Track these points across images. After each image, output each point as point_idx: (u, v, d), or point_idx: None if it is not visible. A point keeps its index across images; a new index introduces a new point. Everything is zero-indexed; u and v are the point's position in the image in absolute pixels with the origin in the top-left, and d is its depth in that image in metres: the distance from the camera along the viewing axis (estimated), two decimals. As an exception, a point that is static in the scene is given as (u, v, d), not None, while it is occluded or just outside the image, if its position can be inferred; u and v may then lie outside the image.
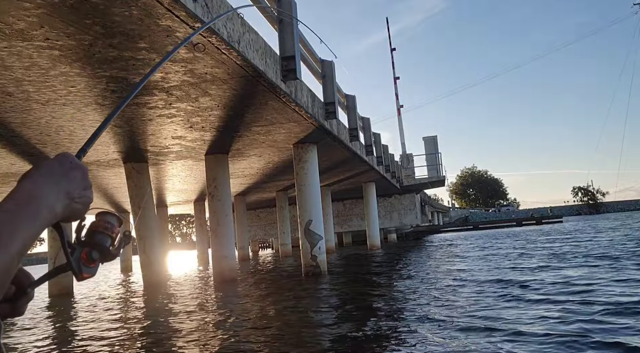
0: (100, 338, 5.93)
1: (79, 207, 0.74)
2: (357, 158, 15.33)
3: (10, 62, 5.75)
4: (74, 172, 0.74)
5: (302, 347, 4.66)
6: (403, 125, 33.89)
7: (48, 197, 0.69)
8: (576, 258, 10.76)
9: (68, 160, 0.75)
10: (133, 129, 9.42)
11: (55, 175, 0.72)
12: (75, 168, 0.75)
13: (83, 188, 0.74)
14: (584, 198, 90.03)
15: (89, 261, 0.77)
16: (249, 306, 7.81)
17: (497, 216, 75.86)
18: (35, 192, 0.68)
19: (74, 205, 0.73)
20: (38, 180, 0.69)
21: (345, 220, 29.61)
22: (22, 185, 0.68)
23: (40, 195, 0.68)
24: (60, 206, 0.70)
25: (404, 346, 4.35)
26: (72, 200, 0.72)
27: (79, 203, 0.73)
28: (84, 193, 0.74)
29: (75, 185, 0.73)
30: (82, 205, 0.74)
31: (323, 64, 11.01)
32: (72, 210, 0.73)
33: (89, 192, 0.76)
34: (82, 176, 0.75)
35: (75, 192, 0.73)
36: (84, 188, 0.75)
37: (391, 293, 7.95)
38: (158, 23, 5.12)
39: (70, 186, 0.72)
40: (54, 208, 0.69)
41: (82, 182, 0.75)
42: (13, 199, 0.66)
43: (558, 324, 4.62)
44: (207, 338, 5.40)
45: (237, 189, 20.95)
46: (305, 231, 11.62)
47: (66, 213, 0.72)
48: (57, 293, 12.55)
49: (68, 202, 0.72)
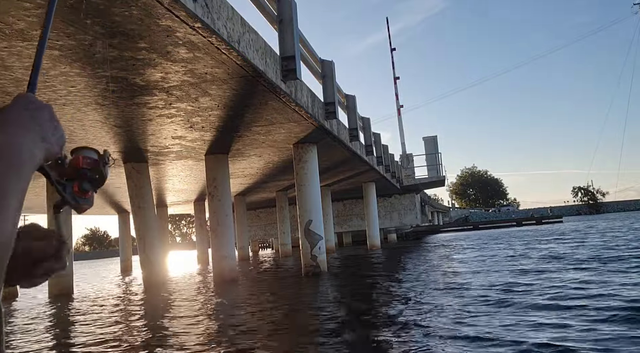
0: (100, 338, 5.93)
1: (55, 148, 0.72)
2: (357, 158, 15.34)
3: (10, 62, 5.75)
4: (40, 112, 0.71)
5: (301, 347, 4.66)
6: (403, 125, 33.84)
7: (26, 146, 0.66)
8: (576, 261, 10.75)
9: (30, 102, 0.71)
10: (133, 129, 9.42)
11: (25, 120, 0.68)
12: (40, 108, 0.72)
13: (54, 128, 0.72)
14: (584, 199, 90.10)
15: (83, 193, 0.77)
16: (248, 306, 7.81)
17: (497, 216, 75.89)
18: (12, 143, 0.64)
19: (51, 147, 0.71)
20: (10, 131, 0.66)
21: (345, 220, 29.62)
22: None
23: (18, 146, 0.64)
24: (39, 152, 0.68)
25: (404, 346, 4.35)
26: (48, 142, 0.70)
27: (54, 144, 0.71)
28: (56, 132, 0.72)
29: (46, 127, 0.70)
30: (57, 145, 0.72)
31: (323, 64, 11.02)
32: (49, 152, 0.71)
33: (60, 130, 0.73)
34: (50, 115, 0.72)
35: (49, 133, 0.71)
36: (55, 127, 0.72)
37: (391, 294, 7.95)
38: (158, 23, 5.12)
39: (42, 129, 0.70)
40: (34, 156, 0.67)
41: (51, 122, 0.72)
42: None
43: (555, 333, 4.61)
44: (206, 338, 5.40)
45: (237, 189, 20.96)
46: (305, 231, 11.63)
47: (45, 155, 0.70)
48: (57, 293, 12.55)
49: (45, 145, 0.69)
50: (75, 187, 0.77)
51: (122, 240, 25.85)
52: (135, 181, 12.33)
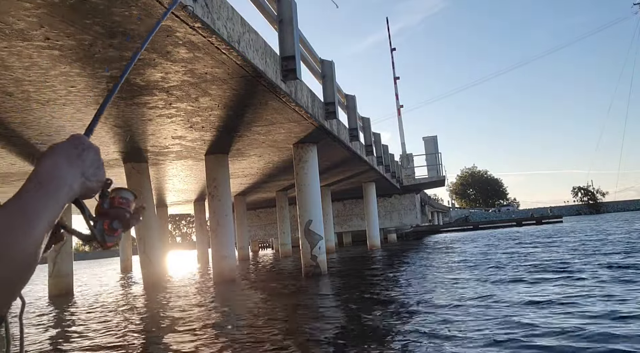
0: (98, 339, 5.93)
1: (93, 185, 0.79)
2: (357, 158, 15.33)
3: (10, 62, 5.75)
4: (86, 152, 0.79)
5: (301, 348, 4.66)
6: (403, 125, 33.87)
7: (66, 176, 0.73)
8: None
9: (81, 142, 0.79)
10: (133, 129, 9.42)
11: (71, 156, 0.76)
12: (88, 148, 0.79)
13: (96, 168, 0.79)
14: (584, 198, 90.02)
15: (111, 230, 0.83)
16: (248, 306, 7.81)
17: (497, 216, 75.84)
18: (55, 172, 0.72)
19: (88, 183, 0.78)
20: (56, 161, 0.74)
21: (345, 220, 29.61)
22: (41, 166, 0.72)
23: (59, 175, 0.72)
24: (77, 184, 0.75)
25: (403, 347, 4.35)
26: (87, 178, 0.77)
27: (93, 182, 0.79)
28: (97, 171, 0.79)
29: (88, 165, 0.78)
30: (95, 183, 0.79)
31: (323, 64, 11.02)
32: (87, 188, 0.78)
33: (102, 171, 0.81)
34: (95, 156, 0.80)
35: (89, 171, 0.78)
36: (97, 167, 0.80)
37: (390, 294, 7.95)
38: (158, 23, 5.12)
39: (84, 165, 0.77)
40: (72, 187, 0.74)
41: (94, 161, 0.79)
42: (35, 179, 0.70)
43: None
44: (206, 338, 5.40)
45: (237, 189, 20.96)
46: (305, 231, 11.63)
47: (82, 191, 0.77)
48: (57, 293, 12.55)
49: (83, 180, 0.76)
50: (106, 225, 0.82)
51: (122, 240, 25.78)
52: (135, 181, 12.32)
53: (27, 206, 0.66)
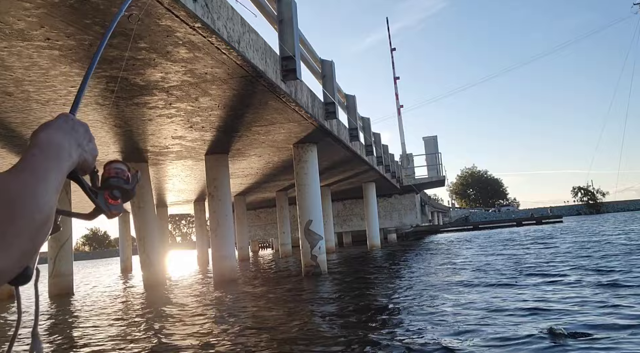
0: (98, 339, 5.94)
1: (89, 158, 0.80)
2: (357, 158, 15.33)
3: (10, 62, 5.75)
4: (77, 125, 0.80)
5: (301, 348, 4.65)
6: (403, 125, 33.88)
7: (64, 143, 0.75)
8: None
9: (70, 117, 0.81)
10: (133, 129, 9.42)
11: (64, 128, 0.78)
12: (77, 124, 0.81)
13: (89, 140, 0.81)
14: (584, 198, 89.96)
15: (114, 199, 0.84)
16: (248, 306, 7.81)
17: (497, 216, 75.84)
18: (53, 140, 0.73)
19: (85, 154, 0.79)
20: (50, 132, 0.75)
21: (345, 220, 29.60)
22: (38, 138, 0.73)
23: (57, 142, 0.74)
24: (75, 153, 0.76)
25: (402, 347, 4.35)
26: (83, 149, 0.78)
27: (88, 154, 0.80)
28: (90, 144, 0.81)
29: (81, 137, 0.79)
30: (90, 156, 0.81)
31: (323, 64, 11.02)
32: (84, 159, 0.79)
33: (94, 144, 0.82)
34: (85, 130, 0.81)
35: (84, 143, 0.79)
36: (89, 140, 0.81)
37: (390, 294, 7.95)
38: (158, 23, 5.12)
39: (78, 136, 0.79)
40: (71, 154, 0.75)
41: (86, 134, 0.81)
42: (35, 148, 0.71)
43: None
44: (205, 338, 5.40)
45: (237, 189, 20.96)
46: (305, 231, 11.62)
47: (80, 161, 0.78)
48: (57, 293, 12.55)
49: (80, 151, 0.78)
50: (106, 195, 0.83)
51: (122, 240, 25.83)
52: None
53: (34, 168, 0.67)
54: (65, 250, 13.06)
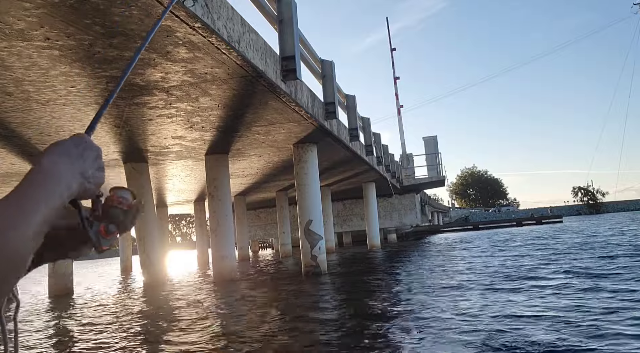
0: (97, 339, 5.93)
1: (91, 187, 0.77)
2: (357, 158, 15.33)
3: (10, 62, 5.74)
4: (87, 152, 0.77)
5: (300, 348, 4.66)
6: (403, 125, 33.88)
7: (65, 174, 0.72)
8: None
9: (83, 141, 0.78)
10: (133, 129, 9.42)
11: (71, 155, 0.75)
12: (89, 148, 0.78)
13: (96, 169, 0.78)
14: (584, 198, 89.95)
15: (107, 233, 0.81)
16: (248, 306, 7.81)
17: (497, 216, 75.83)
18: (54, 169, 0.71)
19: (87, 184, 0.76)
20: (55, 159, 0.73)
21: (345, 220, 29.59)
22: (41, 164, 0.71)
23: (58, 173, 0.71)
24: (76, 184, 0.73)
25: (402, 347, 4.35)
26: (86, 179, 0.76)
27: (92, 183, 0.77)
28: (96, 173, 0.78)
29: (89, 165, 0.76)
30: (94, 185, 0.78)
31: (323, 64, 11.01)
32: (85, 189, 0.76)
33: (102, 173, 0.79)
34: (96, 157, 0.79)
35: (89, 172, 0.76)
36: (97, 168, 0.78)
37: (390, 294, 7.95)
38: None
39: (84, 166, 0.76)
40: (70, 186, 0.72)
41: (95, 162, 0.78)
42: (33, 176, 0.69)
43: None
44: (204, 339, 5.40)
45: (237, 189, 20.95)
46: (305, 231, 11.62)
47: (80, 191, 0.75)
48: (57, 293, 12.55)
49: (82, 181, 0.75)
50: (102, 227, 0.80)
51: (122, 240, 25.81)
52: (135, 181, 12.32)
53: (23, 199, 0.64)
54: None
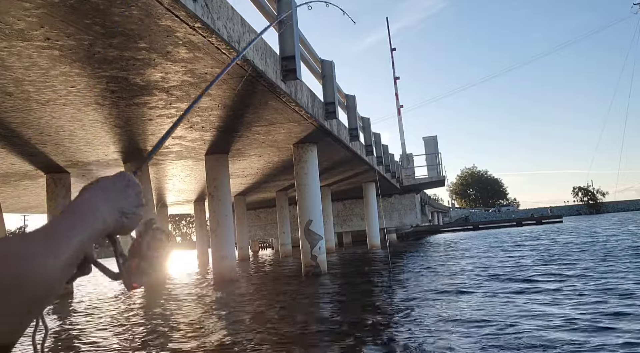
0: (98, 339, 5.93)
1: (128, 223, 0.79)
2: (357, 158, 15.33)
3: (10, 62, 5.74)
4: (129, 190, 0.81)
5: (300, 349, 4.65)
6: (403, 125, 33.86)
7: (102, 210, 0.74)
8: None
9: (125, 178, 0.82)
10: (133, 129, 9.42)
11: (112, 191, 0.78)
12: (130, 186, 0.81)
13: (135, 206, 0.80)
14: (584, 199, 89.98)
15: (139, 270, 0.81)
16: (248, 307, 7.81)
17: (497, 216, 75.85)
18: (92, 204, 0.73)
19: (124, 220, 0.78)
20: (94, 193, 0.75)
21: (345, 220, 29.59)
22: (82, 196, 0.74)
23: (96, 208, 0.73)
24: (112, 220, 0.75)
25: (402, 348, 4.35)
26: (124, 215, 0.78)
27: (129, 220, 0.79)
28: (135, 210, 0.80)
29: (128, 203, 0.79)
30: (131, 221, 0.80)
31: (323, 64, 11.01)
32: (122, 225, 0.78)
33: (140, 210, 0.82)
34: (136, 195, 0.82)
35: (128, 209, 0.79)
36: (136, 206, 0.81)
37: (390, 294, 7.95)
38: (158, 23, 5.12)
39: (123, 203, 0.78)
40: (105, 221, 0.74)
41: (134, 200, 0.81)
42: (70, 208, 0.71)
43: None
44: (204, 339, 5.39)
45: (237, 189, 20.95)
46: (305, 231, 11.62)
47: (117, 227, 0.77)
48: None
49: (119, 216, 0.77)
50: (134, 264, 0.81)
51: (122, 240, 25.78)
52: (135, 181, 12.30)
53: (56, 232, 0.65)
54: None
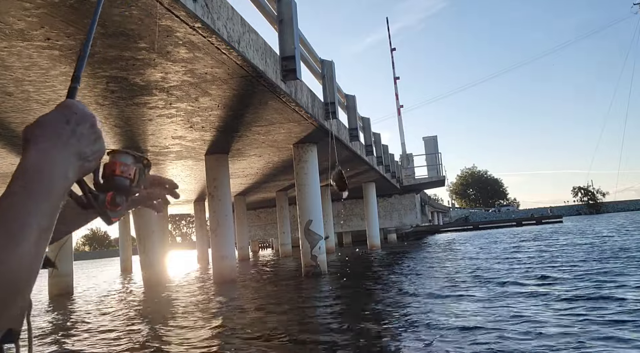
0: (98, 339, 5.93)
1: (93, 164, 0.66)
2: (357, 158, 15.32)
3: (10, 62, 5.74)
4: (81, 126, 0.64)
5: (300, 349, 4.66)
6: (403, 125, 33.87)
7: (59, 166, 0.60)
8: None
9: (72, 111, 0.64)
10: (133, 129, 9.42)
11: (62, 135, 0.62)
12: (82, 121, 0.64)
13: (94, 143, 0.65)
14: (584, 199, 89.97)
15: (115, 205, 0.73)
16: (248, 307, 7.81)
17: (497, 216, 75.84)
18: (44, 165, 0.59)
19: (87, 164, 0.65)
20: (44, 149, 0.60)
21: (345, 220, 29.59)
22: (28, 159, 0.59)
23: (49, 169, 0.59)
24: (74, 171, 0.62)
25: (402, 348, 4.35)
26: (85, 159, 0.64)
27: (92, 161, 0.66)
28: (95, 148, 0.66)
29: (85, 142, 0.64)
30: (94, 160, 0.66)
31: (323, 64, 11.01)
32: (85, 170, 0.65)
33: (101, 145, 0.67)
34: (90, 127, 0.65)
35: (87, 149, 0.64)
36: (95, 141, 0.66)
37: (390, 294, 7.95)
38: (158, 23, 5.12)
39: (80, 145, 0.63)
40: (67, 177, 0.61)
41: (91, 134, 0.65)
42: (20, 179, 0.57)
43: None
44: (204, 339, 5.40)
45: (237, 189, 20.95)
46: (305, 231, 11.62)
47: (80, 174, 0.64)
48: (57, 293, 12.55)
49: (81, 163, 0.63)
50: (108, 198, 0.72)
51: (122, 240, 25.83)
52: (135, 181, 12.29)
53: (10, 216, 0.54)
54: (66, 250, 13.07)
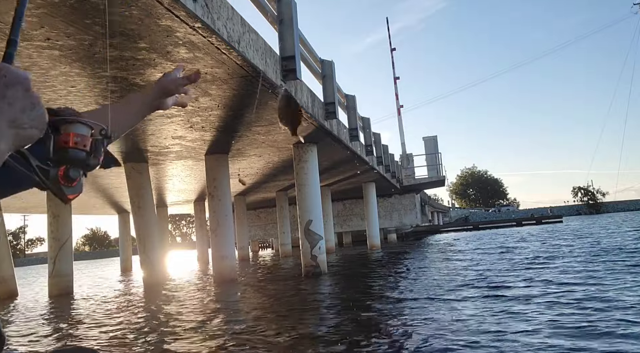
0: (98, 339, 5.93)
1: (32, 132, 0.58)
2: (357, 158, 15.33)
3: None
4: (12, 90, 0.56)
5: (300, 349, 4.65)
6: (403, 125, 33.87)
7: None
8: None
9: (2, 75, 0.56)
10: (133, 129, 9.42)
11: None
12: (13, 84, 0.57)
13: (30, 108, 0.57)
14: (584, 198, 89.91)
15: (69, 181, 0.65)
16: (248, 307, 7.81)
17: (497, 216, 75.81)
18: None
19: (24, 131, 0.57)
20: None
21: (345, 220, 29.59)
22: None
23: None
24: (7, 141, 0.55)
25: (402, 348, 4.35)
26: (20, 127, 0.56)
27: (30, 127, 0.57)
28: (32, 113, 0.57)
29: (19, 107, 0.56)
30: (34, 127, 0.58)
31: (323, 64, 11.01)
32: (22, 138, 0.57)
33: (39, 110, 0.58)
34: (24, 92, 0.57)
35: (23, 116, 0.56)
36: (31, 106, 0.57)
37: (390, 294, 7.95)
38: (158, 23, 5.12)
39: (12, 111, 0.55)
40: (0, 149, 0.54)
41: (26, 99, 0.57)
42: None
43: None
44: (204, 340, 5.39)
45: (237, 189, 20.96)
46: (305, 231, 11.62)
47: (17, 143, 0.56)
48: (57, 293, 12.55)
49: (15, 131, 0.56)
50: (61, 172, 0.64)
51: (122, 240, 25.84)
52: (135, 181, 12.32)
53: None
54: (65, 250, 13.07)
